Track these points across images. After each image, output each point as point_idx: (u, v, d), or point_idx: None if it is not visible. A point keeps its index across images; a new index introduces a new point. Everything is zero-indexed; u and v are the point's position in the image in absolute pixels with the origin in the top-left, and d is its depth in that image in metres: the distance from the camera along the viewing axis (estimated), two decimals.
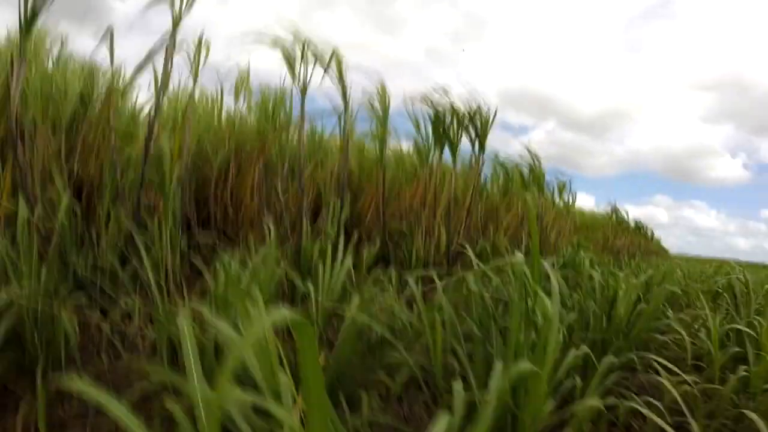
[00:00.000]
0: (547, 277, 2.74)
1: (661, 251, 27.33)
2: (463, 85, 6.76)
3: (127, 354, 3.10)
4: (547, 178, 9.34)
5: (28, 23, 3.16)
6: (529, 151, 8.76)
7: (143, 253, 3.61)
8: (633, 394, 2.99)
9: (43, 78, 5.53)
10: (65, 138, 5.59)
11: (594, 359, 3.04)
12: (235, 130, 7.15)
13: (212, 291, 2.87)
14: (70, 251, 3.51)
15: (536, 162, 8.80)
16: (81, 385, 1.21)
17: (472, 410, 1.79)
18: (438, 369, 2.49)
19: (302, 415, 1.35)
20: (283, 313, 0.90)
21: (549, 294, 2.39)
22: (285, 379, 1.50)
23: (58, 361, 2.72)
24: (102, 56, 4.96)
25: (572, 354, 2.63)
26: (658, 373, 3.04)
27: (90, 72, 6.33)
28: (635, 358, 3.35)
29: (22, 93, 3.36)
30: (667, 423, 2.18)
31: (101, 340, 3.20)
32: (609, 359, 2.82)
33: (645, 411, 2.29)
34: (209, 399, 1.29)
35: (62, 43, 6.45)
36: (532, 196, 8.61)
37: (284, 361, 1.74)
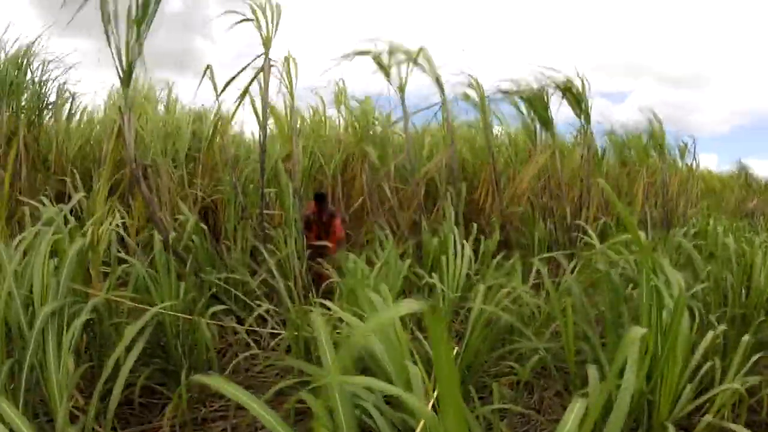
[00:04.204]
0: (678, 248, 2.58)
1: None
2: (552, 61, 6.52)
3: (263, 355, 3.26)
4: (668, 140, 8.70)
5: (127, 77, 3.46)
6: (653, 114, 8.27)
7: (270, 262, 3.79)
8: None
9: (158, 121, 6.07)
10: (185, 169, 6.09)
11: (734, 338, 2.83)
12: (343, 138, 7.39)
13: (341, 290, 2.95)
14: (204, 267, 3.75)
15: (656, 124, 8.28)
16: (221, 383, 1.28)
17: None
18: (570, 355, 2.41)
19: (434, 404, 1.36)
20: (413, 304, 0.91)
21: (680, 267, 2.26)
22: (415, 371, 1.52)
23: (200, 365, 2.93)
24: (205, 93, 5.31)
25: (710, 336, 2.47)
26: None
27: (196, 109, 6.95)
28: None
29: (138, 136, 3.66)
30: None
31: (238, 344, 3.39)
32: (748, 339, 2.60)
33: None
34: (343, 388, 1.32)
35: (170, 89, 7.16)
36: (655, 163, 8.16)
37: (415, 354, 1.76)
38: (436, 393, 1.33)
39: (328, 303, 2.55)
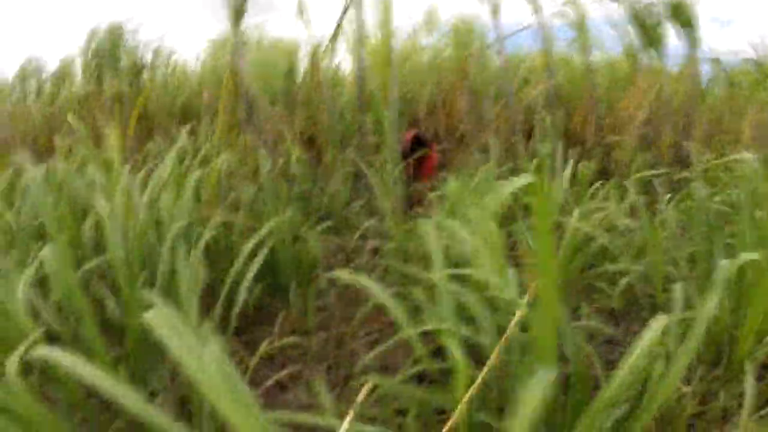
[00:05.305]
0: None
1: None
2: None
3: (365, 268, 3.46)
4: None
5: (237, 17, 3.78)
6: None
7: (374, 183, 3.94)
8: None
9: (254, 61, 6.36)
10: (283, 102, 6.37)
11: None
12: (435, 64, 7.38)
13: (441, 207, 3.05)
14: (308, 191, 3.97)
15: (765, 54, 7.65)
16: (351, 275, 1.46)
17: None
18: (658, 279, 2.44)
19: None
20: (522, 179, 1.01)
21: None
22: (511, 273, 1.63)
23: (306, 281, 3.16)
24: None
25: None
26: None
27: (291, 46, 7.20)
28: None
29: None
30: None
31: (342, 260, 3.62)
32: None
33: None
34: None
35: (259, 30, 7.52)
36: None
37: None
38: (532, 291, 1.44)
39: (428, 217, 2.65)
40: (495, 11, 5.73)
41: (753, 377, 1.85)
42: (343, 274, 1.44)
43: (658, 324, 1.46)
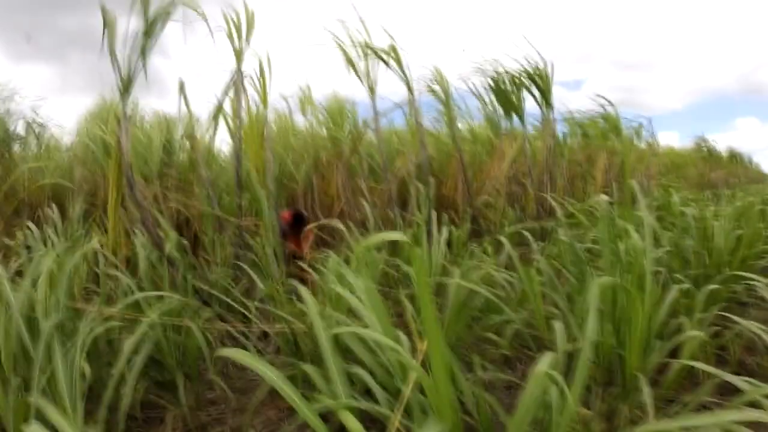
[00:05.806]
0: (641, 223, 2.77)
1: (764, 178, 25.72)
2: (513, 49, 6.83)
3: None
4: (624, 123, 8.99)
5: (125, 87, 3.64)
6: (606, 99, 8.55)
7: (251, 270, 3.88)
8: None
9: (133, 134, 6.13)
10: (159, 184, 6.16)
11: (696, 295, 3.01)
12: (311, 143, 7.52)
13: (321, 288, 3.05)
14: (187, 277, 3.81)
15: (609, 108, 8.56)
16: (240, 355, 1.41)
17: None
18: (540, 321, 2.57)
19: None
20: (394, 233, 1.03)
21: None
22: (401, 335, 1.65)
23: (195, 374, 3.02)
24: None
25: (675, 290, 2.65)
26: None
27: (167, 124, 7.02)
28: (739, 290, 3.32)
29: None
30: None
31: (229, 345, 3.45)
32: (709, 288, 2.84)
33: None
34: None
35: (134, 106, 7.28)
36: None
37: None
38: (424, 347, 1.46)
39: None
40: (372, 90, 5.98)
41: (647, 386, 1.99)
42: (236, 354, 1.39)
43: (546, 359, 1.54)
